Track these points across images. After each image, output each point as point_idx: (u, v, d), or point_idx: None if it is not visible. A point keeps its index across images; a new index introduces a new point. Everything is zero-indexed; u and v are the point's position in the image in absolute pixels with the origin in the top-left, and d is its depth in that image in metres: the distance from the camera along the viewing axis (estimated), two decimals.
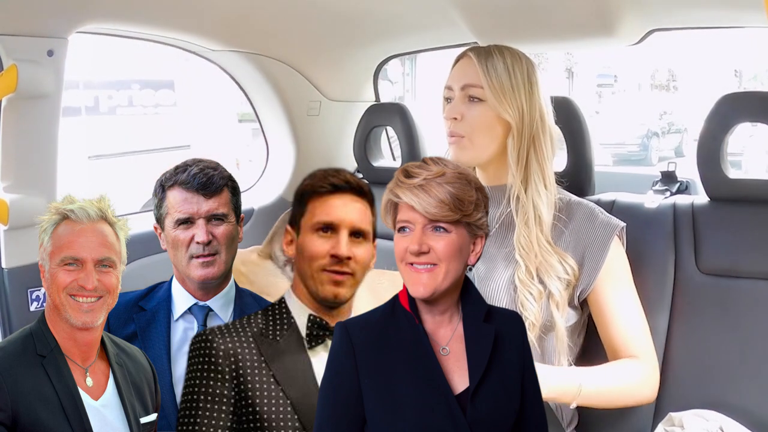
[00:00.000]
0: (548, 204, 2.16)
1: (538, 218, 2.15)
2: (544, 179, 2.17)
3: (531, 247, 2.13)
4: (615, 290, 2.16)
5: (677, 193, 2.49)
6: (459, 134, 2.18)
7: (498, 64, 2.15)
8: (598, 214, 2.21)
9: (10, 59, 2.24)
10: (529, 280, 2.11)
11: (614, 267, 2.17)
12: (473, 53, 2.19)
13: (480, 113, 2.16)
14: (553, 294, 2.12)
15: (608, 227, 2.18)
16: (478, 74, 2.16)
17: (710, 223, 2.26)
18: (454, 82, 2.21)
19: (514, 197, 2.18)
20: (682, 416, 2.06)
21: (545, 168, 2.18)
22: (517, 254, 2.14)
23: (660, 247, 2.27)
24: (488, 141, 2.18)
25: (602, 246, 2.16)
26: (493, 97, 2.14)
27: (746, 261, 2.18)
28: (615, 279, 2.17)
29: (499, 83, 2.14)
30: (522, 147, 2.16)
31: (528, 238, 2.14)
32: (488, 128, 2.16)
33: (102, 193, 1.96)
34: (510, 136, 2.17)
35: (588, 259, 2.16)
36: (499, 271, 2.17)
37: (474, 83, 2.16)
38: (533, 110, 2.17)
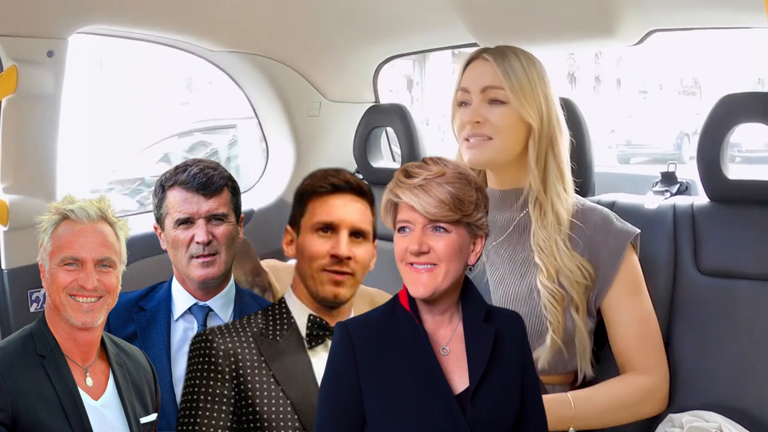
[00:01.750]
0: (567, 206, 2.13)
1: (557, 220, 2.11)
2: (563, 181, 2.14)
3: (551, 250, 2.09)
4: (628, 299, 2.13)
5: (677, 194, 2.49)
6: (485, 135, 2.11)
7: (515, 64, 2.10)
8: (613, 220, 2.16)
9: (10, 60, 2.24)
10: (551, 283, 2.08)
11: (628, 276, 2.13)
12: (489, 55, 2.13)
13: (503, 115, 2.10)
14: (574, 298, 2.09)
15: (624, 234, 2.13)
16: (497, 76, 2.10)
17: (710, 223, 2.25)
18: (471, 84, 2.13)
19: (533, 199, 2.14)
20: (682, 417, 2.06)
21: (563, 170, 2.14)
22: (536, 257, 2.10)
23: (660, 248, 2.27)
24: (512, 143, 2.12)
25: (617, 253, 2.12)
26: (515, 98, 2.09)
27: (746, 261, 2.17)
28: (628, 288, 2.13)
29: (519, 84, 2.09)
30: (541, 149, 2.12)
31: (547, 241, 2.10)
32: (512, 130, 2.11)
33: (102, 194, 1.96)
34: (531, 137, 2.12)
35: (602, 266, 2.12)
36: (516, 276, 2.14)
37: (495, 85, 2.10)
38: (551, 111, 2.13)
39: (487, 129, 2.11)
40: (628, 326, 2.12)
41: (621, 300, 2.13)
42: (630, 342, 2.12)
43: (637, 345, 2.12)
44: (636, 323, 2.12)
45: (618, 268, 2.12)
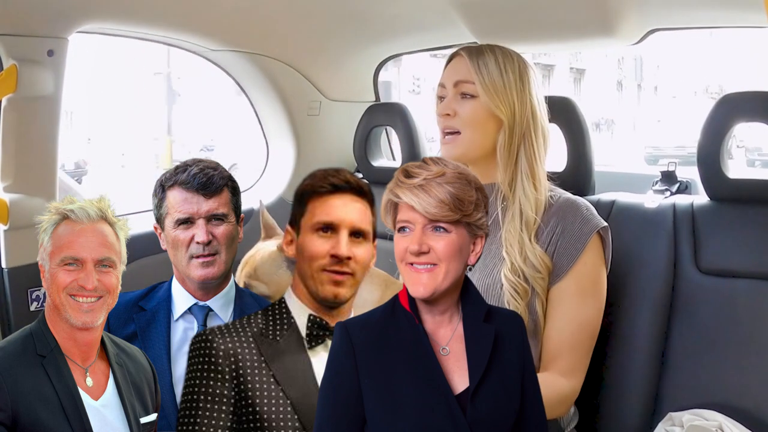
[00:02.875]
0: (535, 204, 2.13)
1: (523, 217, 2.12)
2: (533, 179, 2.14)
3: (516, 245, 2.10)
4: (575, 297, 2.09)
5: (677, 193, 2.49)
6: (453, 129, 2.17)
7: (489, 61, 2.15)
8: (582, 210, 2.14)
9: (10, 59, 2.24)
10: (514, 277, 2.09)
11: (584, 273, 2.10)
12: (465, 51, 2.20)
13: (472, 109, 2.15)
14: (539, 293, 2.10)
15: (588, 225, 2.11)
16: (469, 71, 2.16)
17: (710, 223, 2.25)
18: (447, 79, 2.20)
19: (500, 195, 2.16)
20: (682, 416, 2.06)
21: (535, 167, 2.15)
22: (504, 251, 2.12)
23: (660, 247, 2.27)
24: (480, 137, 2.16)
25: (579, 244, 2.10)
26: (484, 93, 2.14)
27: (746, 261, 2.17)
28: (579, 286, 2.10)
29: (491, 80, 2.14)
30: (513, 145, 2.14)
31: (513, 235, 2.11)
32: (480, 124, 2.15)
33: (102, 194, 1.96)
34: (501, 132, 2.15)
35: (561, 256, 2.10)
36: (488, 268, 2.15)
37: (466, 79, 2.16)
38: (524, 108, 2.15)
39: (456, 122, 2.17)
40: (566, 326, 2.09)
41: (568, 296, 2.10)
42: (563, 343, 2.09)
43: (569, 348, 2.09)
44: (575, 325, 2.09)
45: (575, 260, 2.09)
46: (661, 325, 2.23)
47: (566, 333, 2.09)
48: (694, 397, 2.13)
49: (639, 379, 2.23)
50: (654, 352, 2.23)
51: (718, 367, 2.15)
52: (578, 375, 2.10)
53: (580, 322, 2.10)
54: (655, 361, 2.23)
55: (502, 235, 2.14)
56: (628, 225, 2.23)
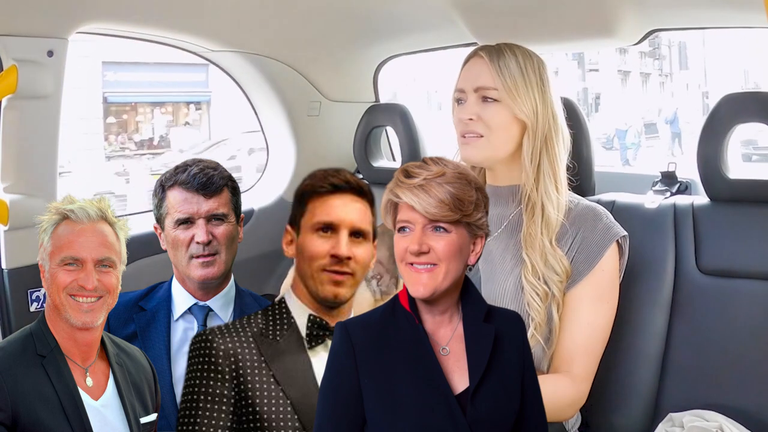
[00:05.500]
0: (557, 206, 2.12)
1: (545, 219, 2.11)
2: (555, 181, 2.13)
3: (537, 247, 2.09)
4: (591, 303, 2.10)
5: (677, 194, 2.49)
6: (477, 133, 2.13)
7: (510, 62, 2.11)
8: (603, 218, 2.15)
9: (10, 59, 2.24)
10: (535, 280, 2.08)
11: (601, 279, 2.11)
12: (484, 53, 2.15)
13: (495, 113, 2.11)
14: (556, 295, 2.10)
15: (608, 233, 2.12)
16: (491, 75, 2.11)
17: (710, 223, 2.25)
18: (466, 83, 2.15)
19: (525, 196, 2.14)
20: (683, 417, 2.06)
21: (557, 169, 2.14)
22: (523, 252, 2.12)
23: (660, 248, 2.27)
24: (505, 141, 2.13)
25: (598, 250, 2.11)
26: (507, 97, 2.10)
27: (746, 261, 2.17)
28: (596, 291, 2.10)
29: (513, 82, 2.10)
30: (536, 147, 2.12)
31: (535, 238, 2.10)
32: (505, 128, 2.12)
33: (102, 194, 1.96)
34: (526, 135, 2.13)
35: (580, 261, 2.11)
36: (506, 271, 2.15)
37: (487, 85, 2.12)
38: (546, 109, 2.13)
39: (479, 127, 2.13)
40: (580, 330, 2.09)
41: (584, 301, 2.10)
42: (577, 347, 2.09)
43: (582, 352, 2.09)
44: (590, 330, 2.09)
45: (593, 266, 2.10)
46: (662, 325, 2.23)
47: (580, 337, 2.09)
48: (694, 398, 2.13)
49: (639, 380, 2.23)
50: (654, 352, 2.23)
51: (717, 367, 2.15)
52: (588, 379, 2.11)
53: (594, 327, 2.10)
54: (655, 361, 2.23)
55: (522, 236, 2.13)
56: (629, 225, 2.23)
